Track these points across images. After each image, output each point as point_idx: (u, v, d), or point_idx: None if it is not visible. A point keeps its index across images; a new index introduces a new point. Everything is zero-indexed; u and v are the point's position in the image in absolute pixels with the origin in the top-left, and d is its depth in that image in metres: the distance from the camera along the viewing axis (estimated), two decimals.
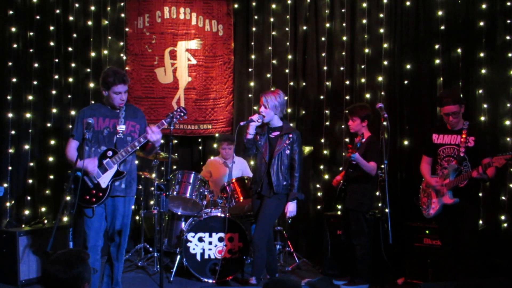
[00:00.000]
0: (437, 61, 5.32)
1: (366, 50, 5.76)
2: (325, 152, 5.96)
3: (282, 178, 4.29)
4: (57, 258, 2.28)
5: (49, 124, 5.73)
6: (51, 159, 5.72)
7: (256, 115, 4.33)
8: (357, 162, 4.39)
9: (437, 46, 5.33)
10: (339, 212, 5.29)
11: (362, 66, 5.77)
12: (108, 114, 3.88)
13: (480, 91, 5.09)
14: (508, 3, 4.97)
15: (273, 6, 6.21)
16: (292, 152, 4.30)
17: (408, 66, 5.50)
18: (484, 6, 5.08)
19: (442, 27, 5.31)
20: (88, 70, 5.95)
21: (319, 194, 5.99)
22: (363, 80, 5.76)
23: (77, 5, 5.93)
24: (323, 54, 6.00)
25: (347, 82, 5.86)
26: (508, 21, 4.97)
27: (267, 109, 4.32)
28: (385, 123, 3.80)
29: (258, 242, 4.28)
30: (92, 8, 6.00)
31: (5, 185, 5.27)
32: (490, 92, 5.04)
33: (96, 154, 3.82)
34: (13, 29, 5.51)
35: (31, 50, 5.64)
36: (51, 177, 5.72)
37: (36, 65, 5.67)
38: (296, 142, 4.31)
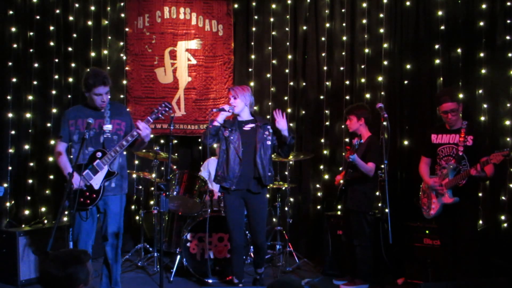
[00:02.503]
0: (437, 61, 5.32)
1: (366, 50, 5.76)
2: (325, 152, 5.96)
3: (267, 169, 4.25)
4: (55, 256, 2.30)
5: (49, 124, 5.73)
6: (51, 159, 5.72)
7: (227, 105, 4.29)
8: (355, 163, 4.39)
9: (437, 46, 5.33)
10: (339, 212, 5.29)
11: (362, 66, 5.77)
12: (93, 114, 3.87)
13: (480, 91, 5.09)
14: (508, 3, 4.97)
15: (273, 6, 6.21)
16: (273, 141, 4.31)
17: (408, 66, 5.50)
18: (484, 6, 5.08)
19: (442, 27, 5.31)
20: (88, 70, 5.94)
21: (319, 194, 5.99)
22: (363, 80, 5.76)
23: (77, 5, 5.94)
24: (323, 54, 6.00)
25: (347, 82, 5.86)
26: (508, 21, 4.97)
27: (236, 100, 4.29)
28: (385, 123, 3.79)
29: (263, 242, 4.35)
30: (92, 8, 6.00)
31: (5, 185, 5.27)
32: (490, 92, 5.04)
33: (83, 155, 3.82)
34: (13, 29, 5.51)
35: (31, 50, 5.64)
36: (51, 177, 5.72)
37: (36, 65, 5.67)
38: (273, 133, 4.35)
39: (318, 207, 5.97)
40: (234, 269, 4.37)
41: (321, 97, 5.99)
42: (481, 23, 5.09)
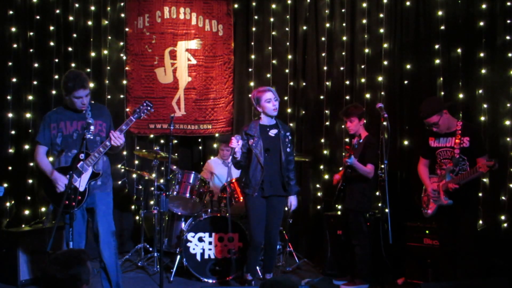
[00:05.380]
0: (437, 61, 5.31)
1: (366, 50, 5.76)
2: (325, 152, 5.96)
3: (291, 176, 4.41)
4: (56, 258, 2.30)
5: None
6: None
7: (233, 139, 4.10)
8: (354, 167, 4.40)
9: (437, 46, 5.32)
10: (339, 212, 5.29)
11: (362, 66, 5.77)
12: (75, 117, 3.89)
13: (480, 91, 5.08)
14: (508, 3, 4.96)
15: (273, 6, 6.22)
16: (292, 150, 4.47)
17: (408, 66, 5.49)
18: (484, 6, 5.07)
19: (442, 27, 5.31)
20: (88, 70, 5.96)
21: (319, 194, 5.99)
22: (363, 80, 5.75)
23: (77, 5, 5.94)
24: (323, 54, 5.99)
25: (347, 82, 5.86)
26: (508, 21, 4.96)
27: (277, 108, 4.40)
28: (385, 123, 3.79)
29: (276, 242, 4.51)
30: (92, 8, 6.00)
31: (5, 185, 5.27)
32: (490, 92, 5.03)
33: (67, 158, 3.83)
34: (13, 29, 5.51)
35: (31, 50, 5.64)
36: None
37: (36, 65, 5.67)
38: (292, 141, 4.51)
39: (318, 207, 5.97)
40: (251, 266, 4.45)
41: (321, 97, 5.99)
42: (481, 23, 5.08)
